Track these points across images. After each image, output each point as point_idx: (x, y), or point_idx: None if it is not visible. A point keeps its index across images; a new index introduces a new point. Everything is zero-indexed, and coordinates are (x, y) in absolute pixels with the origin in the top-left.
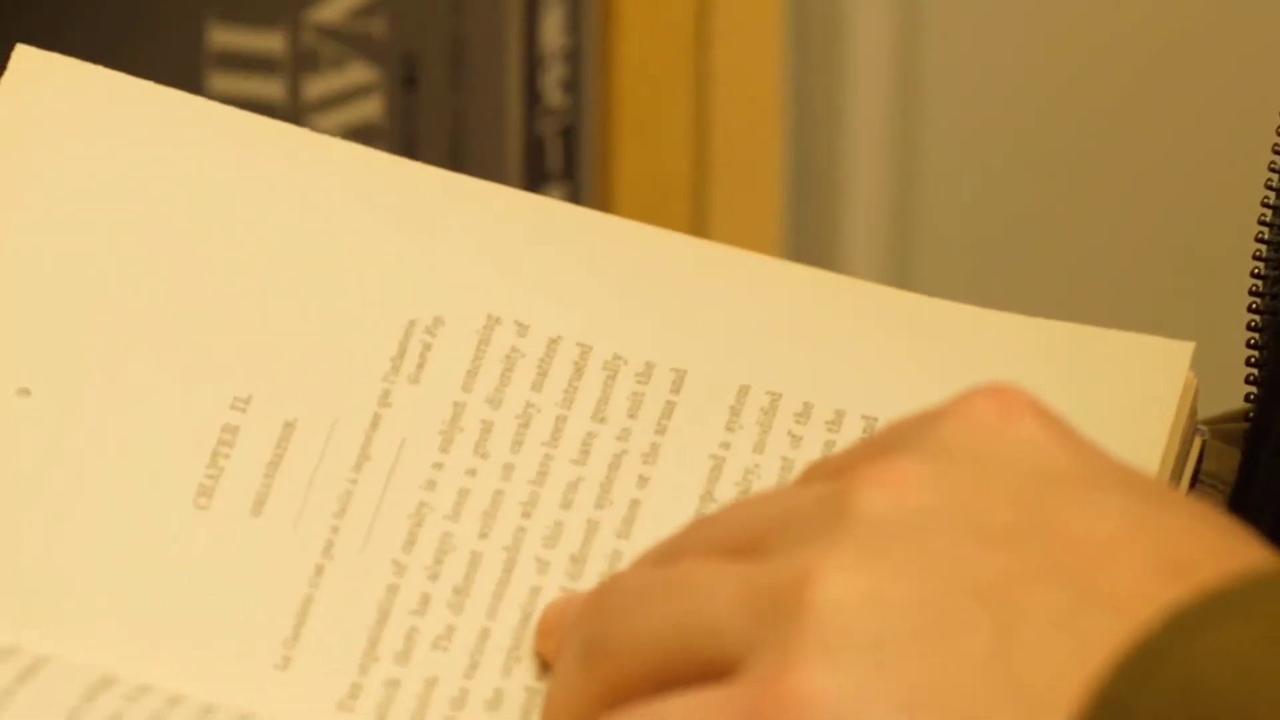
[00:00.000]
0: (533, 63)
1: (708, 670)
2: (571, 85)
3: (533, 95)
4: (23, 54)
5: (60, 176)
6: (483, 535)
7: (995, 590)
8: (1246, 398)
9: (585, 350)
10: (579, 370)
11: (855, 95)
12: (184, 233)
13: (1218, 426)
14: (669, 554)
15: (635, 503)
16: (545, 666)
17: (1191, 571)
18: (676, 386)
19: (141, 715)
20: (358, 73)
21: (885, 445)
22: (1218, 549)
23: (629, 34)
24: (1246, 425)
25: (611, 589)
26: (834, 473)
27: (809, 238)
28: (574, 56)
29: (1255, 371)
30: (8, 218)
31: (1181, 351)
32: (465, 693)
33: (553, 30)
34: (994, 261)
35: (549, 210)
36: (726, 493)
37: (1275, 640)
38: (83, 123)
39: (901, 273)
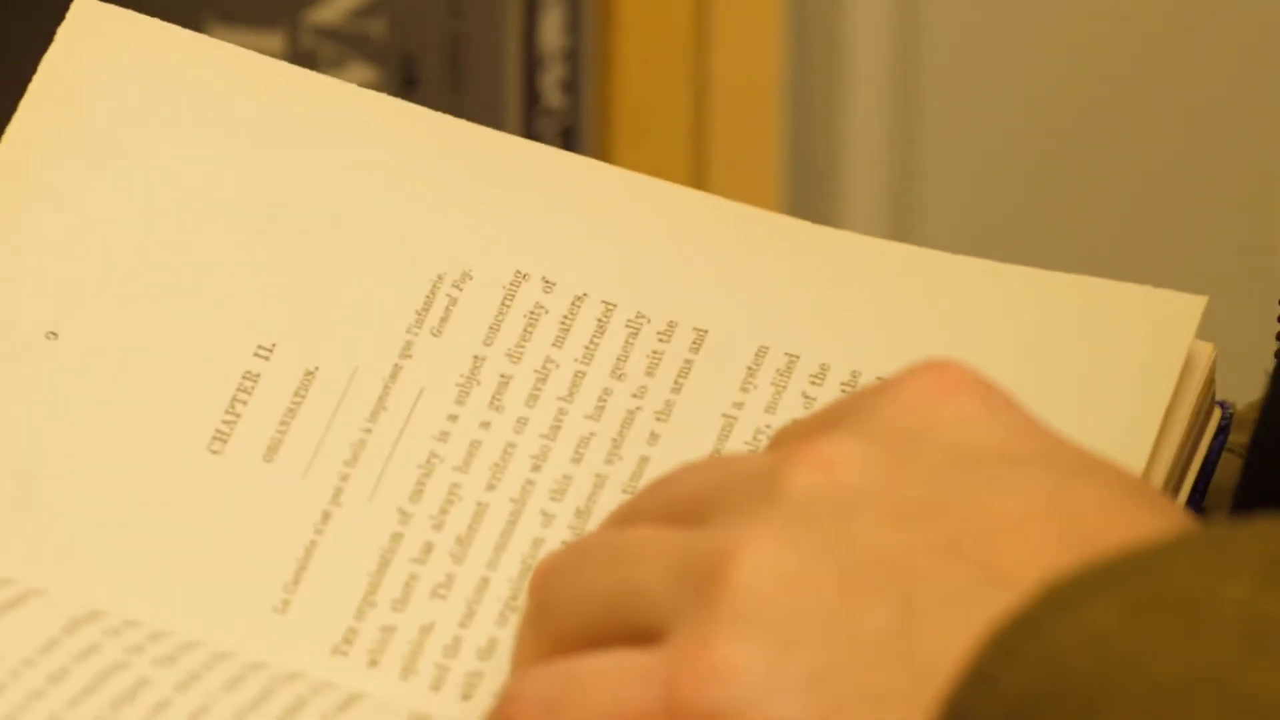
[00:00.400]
0: (532, 63)
1: (635, 635)
2: (570, 86)
3: (532, 96)
4: (81, 5)
5: (103, 124)
6: (490, 487)
7: (900, 566)
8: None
9: (609, 308)
10: (601, 327)
11: (854, 97)
12: (218, 181)
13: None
14: (625, 517)
15: (644, 459)
16: None
17: (1092, 547)
18: (696, 346)
19: (120, 648)
20: (357, 73)
21: (829, 421)
22: (1126, 524)
23: (628, 35)
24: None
25: (567, 550)
26: (778, 444)
27: None
28: (573, 57)
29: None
30: (50, 163)
31: (1192, 305)
32: (459, 640)
33: (552, 31)
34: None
35: (581, 168)
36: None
37: (1132, 616)
38: (129, 71)
39: None
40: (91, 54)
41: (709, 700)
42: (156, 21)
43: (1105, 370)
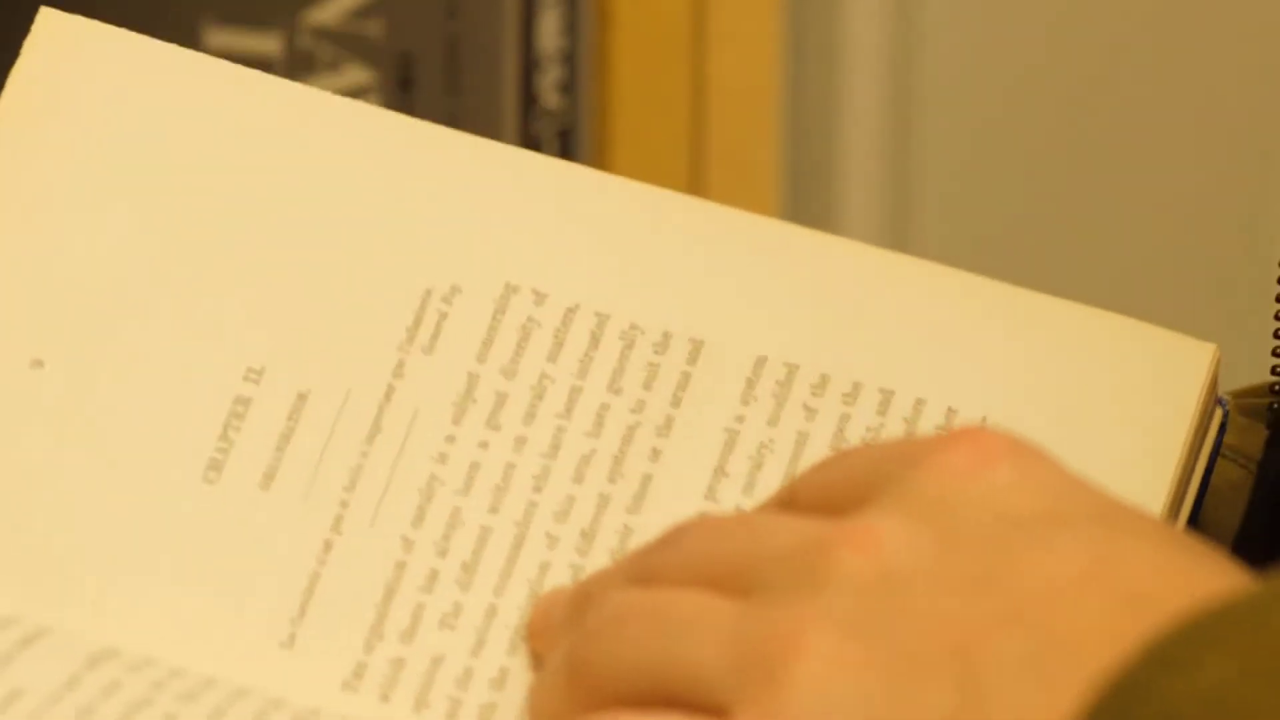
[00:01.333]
0: (529, 65)
1: (685, 706)
2: (568, 87)
3: (529, 97)
4: (46, 16)
5: (78, 141)
6: (493, 510)
7: (960, 642)
8: (1273, 370)
9: (602, 320)
10: (595, 340)
11: (852, 98)
12: (198, 199)
13: (1242, 400)
14: (650, 570)
15: (648, 477)
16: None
17: (1154, 605)
18: (693, 357)
19: (141, 685)
20: (354, 74)
21: (862, 490)
22: (1183, 580)
23: (625, 36)
24: (1271, 400)
25: (597, 606)
26: (826, 505)
27: None
28: (570, 58)
29: None
30: (24, 182)
31: (1203, 353)
32: (470, 671)
33: (549, 32)
34: (992, 267)
35: (569, 176)
36: (739, 467)
37: (1251, 673)
38: (102, 86)
39: None
40: (61, 69)
41: None
42: (125, 32)
43: (1113, 414)
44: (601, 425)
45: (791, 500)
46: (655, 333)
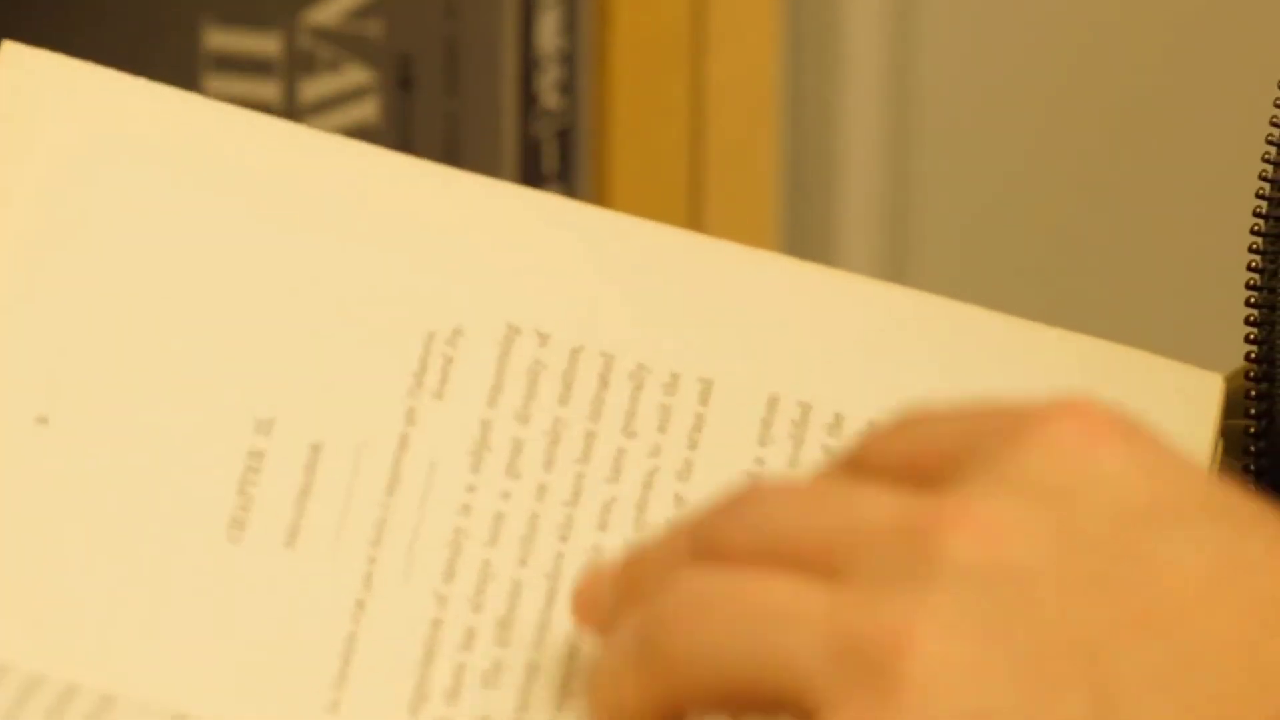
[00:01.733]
0: (528, 65)
1: (777, 702)
2: (567, 87)
3: (528, 97)
4: (10, 51)
5: (58, 187)
6: (522, 562)
7: (1088, 650)
8: (1247, 394)
9: (609, 360)
10: (604, 382)
11: (852, 100)
12: (195, 244)
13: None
14: (717, 543)
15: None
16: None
17: None
18: (704, 398)
19: None
20: (353, 75)
21: (956, 463)
22: None
23: (625, 36)
24: (1246, 423)
25: (669, 586)
26: (913, 473)
27: (805, 242)
28: (570, 59)
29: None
30: (16, 236)
31: (1210, 384)
32: None
33: (548, 32)
34: (989, 270)
35: (561, 210)
36: None
37: None
38: (80, 127)
39: (896, 275)
40: (37, 111)
41: None
42: (101, 70)
43: None
44: (620, 471)
45: (861, 464)
46: (663, 373)
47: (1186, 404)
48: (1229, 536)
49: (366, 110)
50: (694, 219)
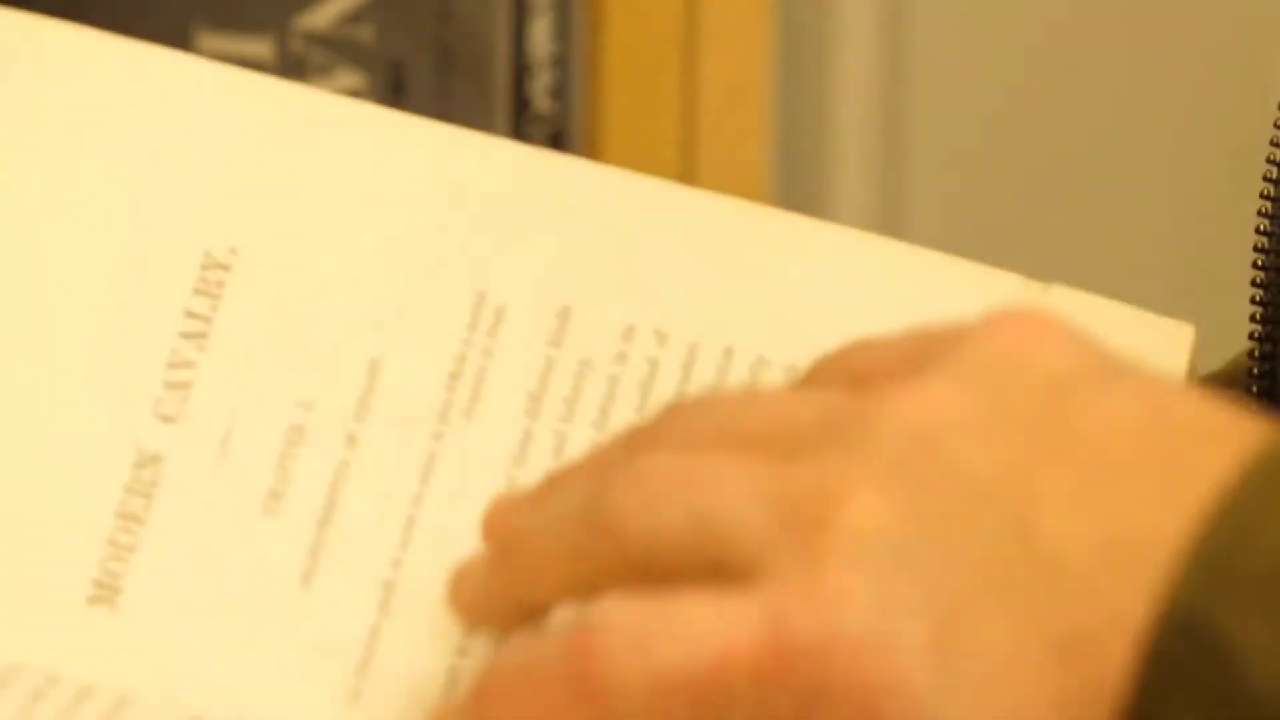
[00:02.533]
0: (521, 70)
1: (714, 569)
2: (559, 92)
3: (521, 102)
4: None
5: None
6: None
7: (1009, 481)
8: (1250, 354)
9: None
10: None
11: (844, 104)
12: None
13: (1209, 384)
14: (658, 437)
15: None
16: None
17: (1226, 440)
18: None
19: None
20: (346, 80)
21: (911, 362)
22: (1233, 425)
23: (617, 41)
24: (1249, 383)
25: (622, 463)
26: (855, 381)
27: None
28: (562, 63)
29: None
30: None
31: (1182, 334)
32: None
33: (540, 37)
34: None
35: (551, 163)
36: None
37: None
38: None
39: None
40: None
41: (822, 628)
42: (78, 28)
43: None
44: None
45: (808, 381)
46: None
47: (1157, 354)
48: (1151, 391)
49: None
50: None
